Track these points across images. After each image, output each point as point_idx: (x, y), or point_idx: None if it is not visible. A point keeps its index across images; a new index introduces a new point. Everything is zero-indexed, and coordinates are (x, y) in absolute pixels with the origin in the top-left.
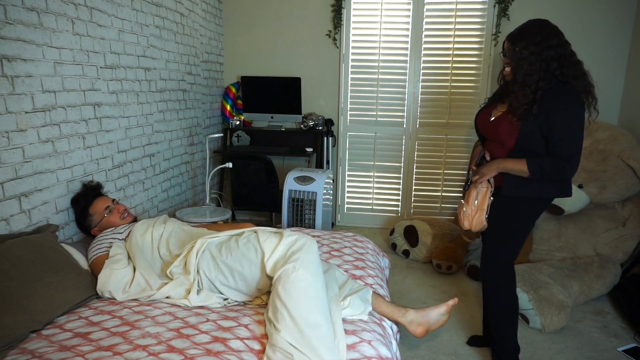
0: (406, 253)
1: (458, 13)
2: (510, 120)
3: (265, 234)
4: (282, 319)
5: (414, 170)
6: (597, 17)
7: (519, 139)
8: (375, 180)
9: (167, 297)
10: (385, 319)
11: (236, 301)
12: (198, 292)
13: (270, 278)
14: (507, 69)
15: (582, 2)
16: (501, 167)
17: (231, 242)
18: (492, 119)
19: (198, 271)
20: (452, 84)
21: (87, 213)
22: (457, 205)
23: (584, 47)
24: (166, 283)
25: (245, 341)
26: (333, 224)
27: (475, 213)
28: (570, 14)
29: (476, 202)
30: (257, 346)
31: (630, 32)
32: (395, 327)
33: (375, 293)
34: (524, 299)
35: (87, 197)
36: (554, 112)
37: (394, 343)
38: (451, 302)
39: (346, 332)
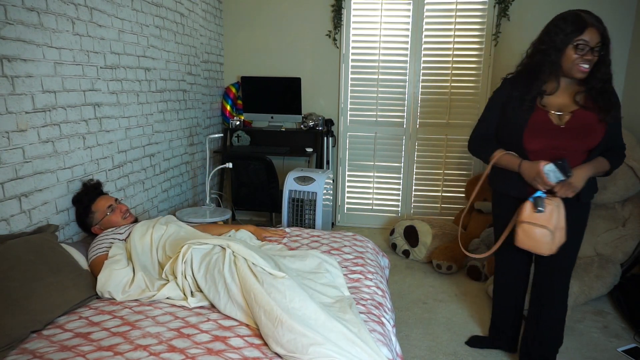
0: (406, 253)
1: (458, 13)
2: (598, 124)
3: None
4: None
5: (414, 170)
6: None
7: (604, 141)
8: (375, 180)
9: (167, 298)
10: (385, 316)
11: None
12: (192, 294)
13: None
14: (587, 67)
15: (581, 2)
16: (590, 174)
17: (211, 263)
18: (563, 125)
19: (185, 276)
20: (452, 84)
21: (90, 210)
22: (461, 207)
23: None
24: (165, 284)
25: (246, 338)
26: (333, 224)
27: (558, 232)
28: None
29: (555, 220)
30: (257, 341)
31: (630, 32)
32: (392, 321)
33: None
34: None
35: (89, 194)
36: (617, 108)
37: (394, 339)
38: None
39: None
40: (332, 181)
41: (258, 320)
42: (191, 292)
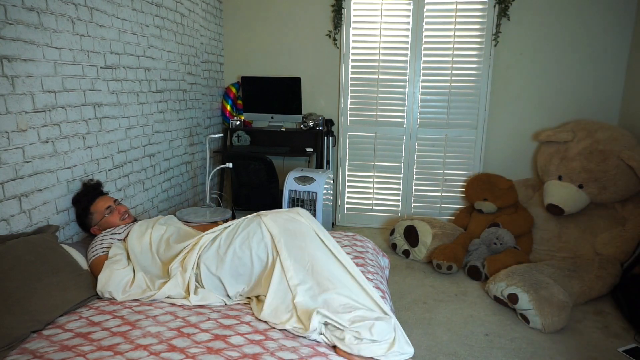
0: (406, 253)
1: (458, 13)
2: None
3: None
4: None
5: (414, 170)
6: (597, 16)
7: None
8: (375, 180)
9: (167, 297)
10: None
11: (239, 295)
12: (196, 290)
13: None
14: None
15: (582, 2)
16: None
17: (243, 233)
18: None
19: (198, 266)
20: (452, 84)
21: (89, 211)
22: (461, 207)
23: (584, 47)
24: (165, 282)
25: (247, 336)
26: (333, 224)
27: None
28: (570, 14)
29: None
30: (258, 337)
31: (631, 32)
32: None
33: None
34: (524, 299)
35: (89, 195)
36: None
37: None
38: None
39: None
40: (332, 181)
41: (305, 263)
42: (195, 287)
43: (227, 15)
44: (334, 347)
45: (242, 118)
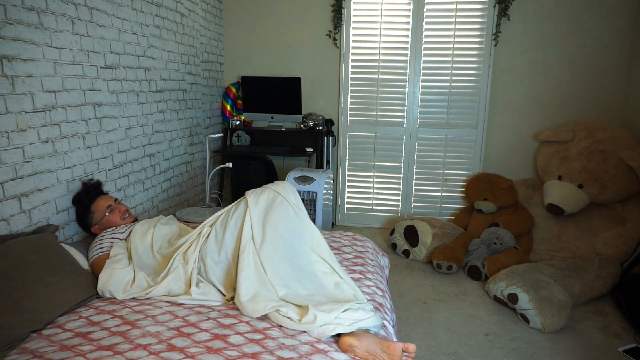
0: (406, 253)
1: (458, 13)
2: None
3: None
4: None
5: (414, 170)
6: (597, 16)
7: None
8: (375, 180)
9: (166, 295)
10: (386, 318)
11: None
12: (198, 283)
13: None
14: None
15: (582, 1)
16: None
17: (229, 214)
18: None
19: (202, 259)
20: (452, 84)
21: (89, 210)
22: (461, 207)
23: (584, 47)
24: (166, 276)
25: (246, 335)
26: (333, 224)
27: None
28: (570, 13)
29: None
30: (257, 336)
31: (631, 31)
32: (392, 322)
33: None
34: (524, 299)
35: (89, 194)
36: None
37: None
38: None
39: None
40: (332, 181)
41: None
42: (197, 281)
43: (227, 15)
44: (336, 342)
45: (242, 118)
